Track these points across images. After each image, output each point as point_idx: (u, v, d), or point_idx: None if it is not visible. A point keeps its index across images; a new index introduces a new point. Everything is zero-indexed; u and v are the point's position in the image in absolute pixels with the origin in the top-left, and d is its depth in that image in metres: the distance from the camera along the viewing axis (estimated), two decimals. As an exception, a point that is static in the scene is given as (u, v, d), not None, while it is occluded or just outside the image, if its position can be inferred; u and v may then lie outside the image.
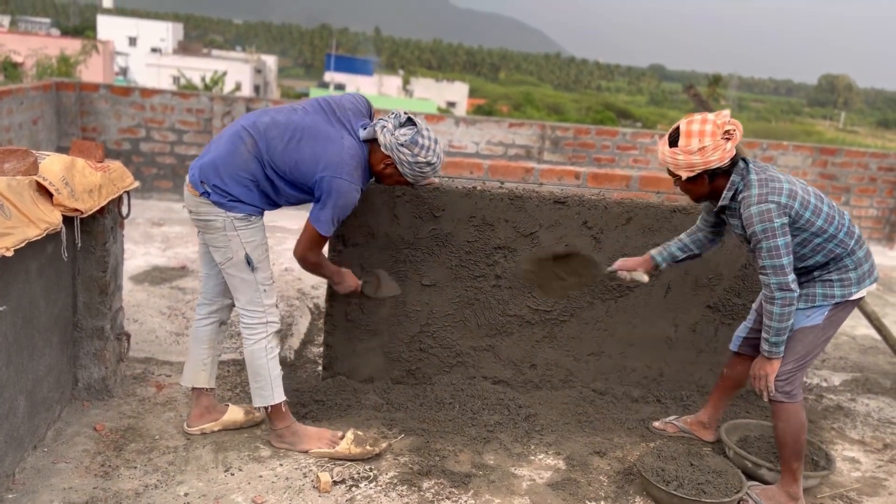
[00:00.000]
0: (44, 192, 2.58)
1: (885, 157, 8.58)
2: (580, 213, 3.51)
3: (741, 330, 3.24)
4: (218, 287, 3.09)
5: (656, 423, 3.48)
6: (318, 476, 2.83)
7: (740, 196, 2.76)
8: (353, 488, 2.83)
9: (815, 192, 2.82)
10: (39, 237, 2.42)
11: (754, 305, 3.22)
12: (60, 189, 2.62)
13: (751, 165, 2.79)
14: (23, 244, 2.31)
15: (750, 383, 2.97)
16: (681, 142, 2.71)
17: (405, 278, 3.49)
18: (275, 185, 2.82)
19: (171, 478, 2.77)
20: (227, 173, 2.78)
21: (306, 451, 3.02)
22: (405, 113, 2.86)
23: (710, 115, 2.72)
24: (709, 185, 2.79)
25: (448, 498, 2.83)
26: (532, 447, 3.25)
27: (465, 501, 2.82)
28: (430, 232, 3.42)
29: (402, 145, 2.76)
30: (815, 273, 2.85)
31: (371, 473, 2.93)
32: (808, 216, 2.72)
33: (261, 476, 2.84)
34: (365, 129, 2.85)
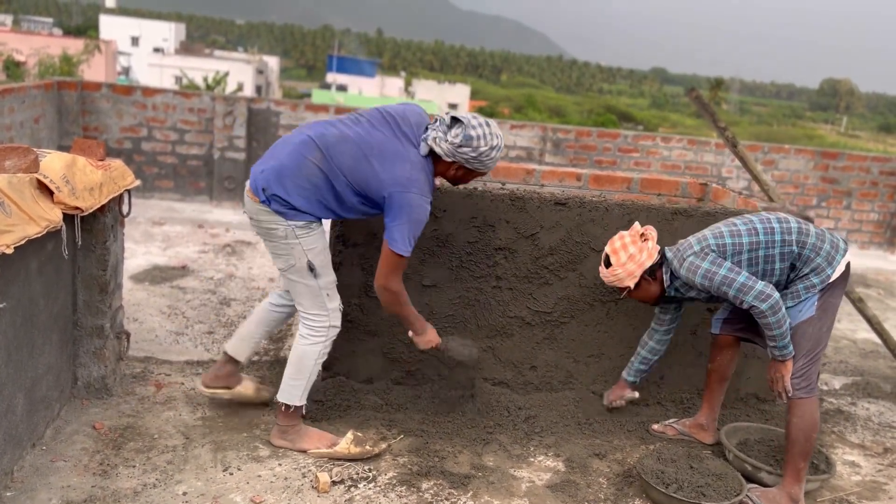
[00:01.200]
0: (44, 189, 2.58)
1: (887, 162, 8.57)
2: (581, 215, 3.51)
3: (721, 312, 3.32)
4: None
5: (655, 426, 3.48)
6: (316, 476, 2.82)
7: (677, 274, 3.04)
8: (352, 489, 2.82)
9: (725, 221, 3.07)
10: (40, 235, 2.42)
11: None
12: (61, 187, 2.62)
13: (667, 250, 3.11)
14: (23, 242, 2.30)
15: (764, 388, 3.05)
16: (612, 259, 3.07)
17: (405, 279, 3.48)
18: (341, 198, 2.81)
19: (169, 477, 2.77)
20: (292, 183, 2.76)
21: (305, 451, 3.01)
22: (447, 114, 2.88)
23: (623, 231, 3.14)
24: (652, 282, 3.10)
25: (447, 499, 2.82)
26: (531, 449, 3.24)
27: (464, 502, 2.81)
28: (431, 232, 3.42)
29: (460, 146, 2.78)
30: (791, 276, 2.97)
31: (370, 474, 2.93)
32: (731, 240, 2.94)
33: (259, 476, 2.84)
34: (420, 146, 2.84)
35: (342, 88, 52.89)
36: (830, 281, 2.92)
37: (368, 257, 3.41)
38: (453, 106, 54.90)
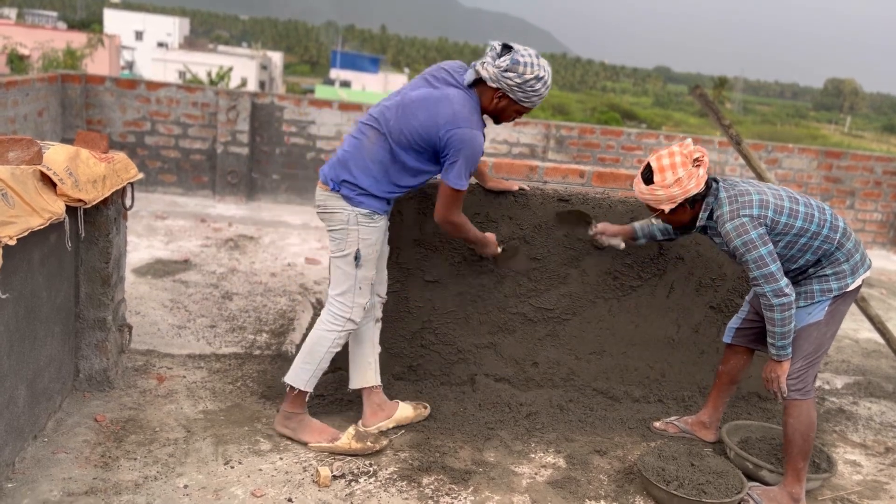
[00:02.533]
0: (47, 181, 2.58)
1: (891, 161, 8.55)
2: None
3: (734, 322, 3.28)
4: (373, 286, 3.12)
5: (657, 424, 3.47)
6: (317, 470, 2.82)
7: (715, 215, 2.85)
8: (353, 483, 2.82)
9: (790, 193, 2.88)
10: (42, 227, 2.42)
11: (747, 297, 3.26)
12: (64, 179, 2.62)
13: (720, 183, 2.89)
14: (25, 233, 2.30)
15: (763, 386, 3.00)
16: (656, 178, 2.81)
17: (408, 274, 3.48)
18: (405, 164, 2.87)
19: (170, 470, 2.77)
20: (356, 166, 2.86)
21: (306, 444, 3.02)
22: (499, 43, 2.87)
23: (675, 147, 2.83)
24: (689, 210, 2.90)
25: (448, 494, 2.82)
26: (532, 445, 3.24)
27: (465, 498, 2.82)
28: (433, 228, 3.41)
29: (505, 71, 2.76)
30: (810, 271, 2.90)
31: (371, 469, 2.93)
32: (786, 220, 2.79)
33: (260, 469, 2.84)
34: (464, 75, 2.88)
35: (346, 84, 52.84)
36: (848, 290, 2.88)
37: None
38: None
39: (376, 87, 54.15)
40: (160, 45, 60.67)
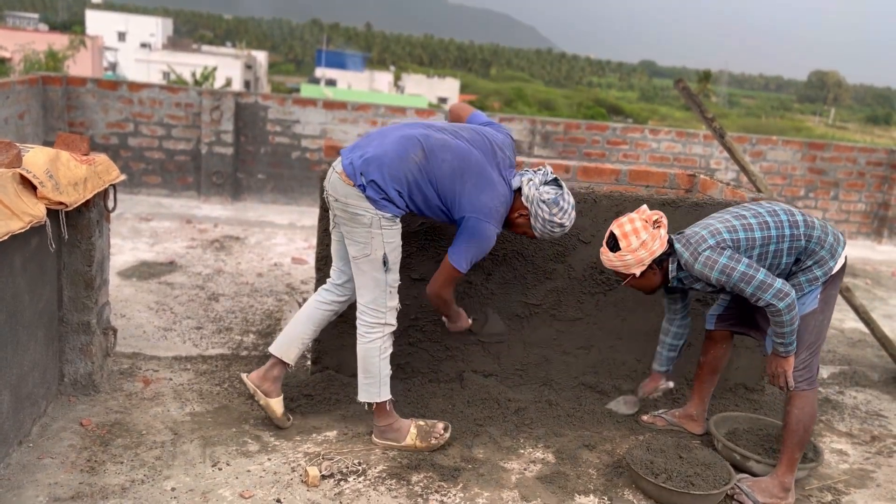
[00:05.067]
0: (27, 184, 2.55)
1: (874, 152, 8.61)
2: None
3: (715, 309, 3.30)
4: (351, 284, 3.10)
5: (645, 417, 3.49)
6: (306, 470, 2.82)
7: (681, 263, 2.92)
8: (342, 482, 2.82)
9: (735, 212, 2.96)
10: (23, 230, 2.39)
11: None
12: (44, 182, 2.59)
13: (672, 238, 2.96)
14: (6, 237, 2.28)
15: (769, 381, 3.02)
16: (622, 244, 2.87)
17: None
18: (425, 201, 2.87)
19: (157, 472, 2.75)
20: (390, 173, 2.79)
21: (405, 447, 3.07)
22: (552, 172, 2.96)
23: (633, 214, 2.92)
24: (658, 272, 2.97)
25: (437, 491, 2.82)
26: (521, 441, 3.24)
27: (455, 495, 2.81)
28: (420, 226, 3.41)
29: (543, 202, 2.87)
30: (793, 269, 2.94)
31: (360, 467, 2.92)
32: (744, 235, 2.85)
33: (249, 471, 2.83)
34: (513, 177, 2.95)
35: (331, 83, 52.68)
36: (833, 273, 2.91)
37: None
38: (443, 100, 54.83)
39: (362, 85, 54.08)
40: (143, 45, 60.24)
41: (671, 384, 3.43)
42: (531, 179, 2.90)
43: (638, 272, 2.91)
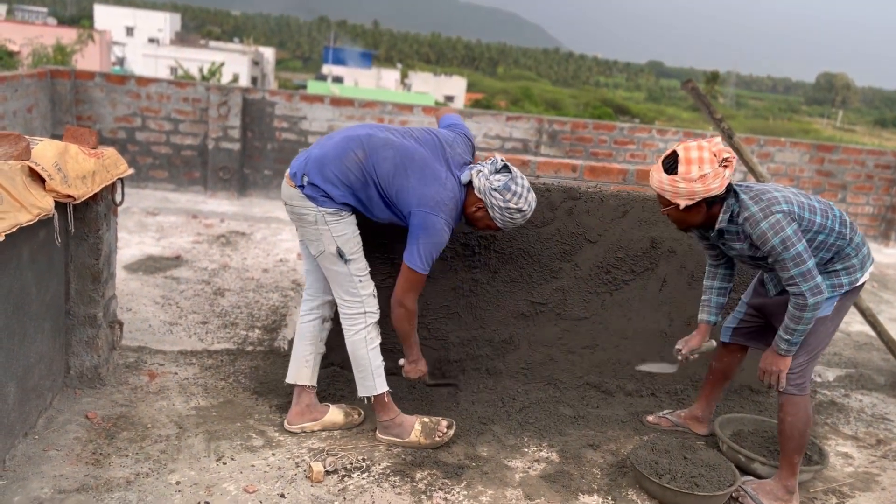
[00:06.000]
0: (36, 177, 2.55)
1: (882, 155, 8.58)
2: (576, 206, 3.50)
3: (731, 321, 3.25)
4: (319, 283, 3.12)
5: (650, 418, 3.47)
6: (310, 466, 2.82)
7: (741, 218, 2.70)
8: (346, 478, 2.82)
9: (799, 190, 2.82)
10: (31, 223, 2.40)
11: (744, 297, 3.22)
12: (53, 174, 2.59)
13: (735, 187, 2.77)
14: (14, 229, 2.29)
15: (756, 378, 2.98)
16: (680, 168, 2.62)
17: (399, 269, 3.46)
18: (371, 201, 2.86)
19: (162, 466, 2.76)
20: (331, 172, 2.81)
21: (409, 443, 3.06)
22: (502, 160, 2.91)
23: (705, 142, 2.68)
24: (706, 212, 2.74)
25: (441, 489, 2.82)
26: (525, 439, 3.24)
27: (458, 492, 2.81)
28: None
29: (495, 190, 2.81)
30: (821, 268, 2.84)
31: (364, 464, 2.92)
32: (808, 216, 2.71)
33: (253, 465, 2.83)
34: (463, 172, 2.91)
35: (338, 80, 52.72)
36: (857, 284, 2.84)
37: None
38: (449, 98, 54.81)
39: (369, 82, 54.08)
40: (151, 40, 60.37)
41: (714, 343, 3.18)
42: (480, 171, 2.86)
43: (683, 204, 2.67)
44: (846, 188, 8.51)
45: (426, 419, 3.13)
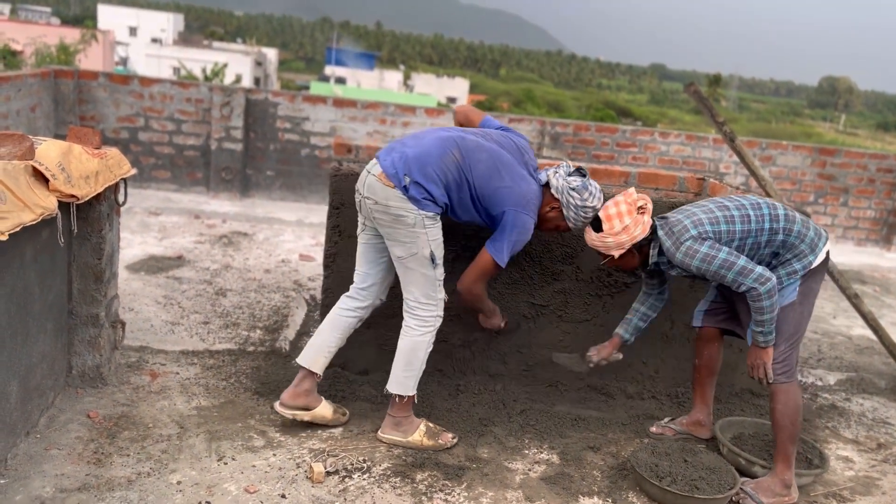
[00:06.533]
0: (40, 177, 2.56)
1: (885, 159, 8.57)
2: (578, 208, 3.50)
3: (702, 305, 3.34)
4: (376, 286, 3.14)
5: (654, 429, 3.45)
6: (311, 466, 2.82)
7: (662, 248, 2.98)
8: (347, 479, 2.82)
9: (717, 203, 3.00)
10: (34, 222, 2.41)
11: (713, 283, 3.27)
12: (56, 174, 2.60)
13: (655, 222, 3.01)
14: (17, 229, 2.29)
15: (748, 374, 3.04)
16: (604, 226, 2.93)
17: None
18: (461, 201, 2.92)
19: (163, 466, 2.77)
20: (433, 171, 2.84)
21: (411, 444, 3.07)
22: (575, 164, 3.09)
23: (620, 197, 2.97)
24: (636, 255, 3.02)
25: (441, 490, 2.82)
26: (526, 441, 3.24)
27: (459, 494, 2.82)
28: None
29: (573, 189, 2.96)
30: (773, 262, 2.99)
31: (364, 465, 2.93)
32: (726, 227, 2.89)
33: (254, 465, 2.84)
34: (540, 174, 3.05)
35: (341, 81, 52.74)
36: (812, 267, 2.95)
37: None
38: (452, 100, 54.82)
39: (372, 83, 54.11)
40: (154, 41, 60.45)
41: (620, 356, 3.37)
42: (557, 172, 3.01)
43: (617, 254, 2.97)
44: (848, 192, 8.51)
45: (431, 424, 3.14)
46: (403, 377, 3.05)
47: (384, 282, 3.16)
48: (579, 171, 3.04)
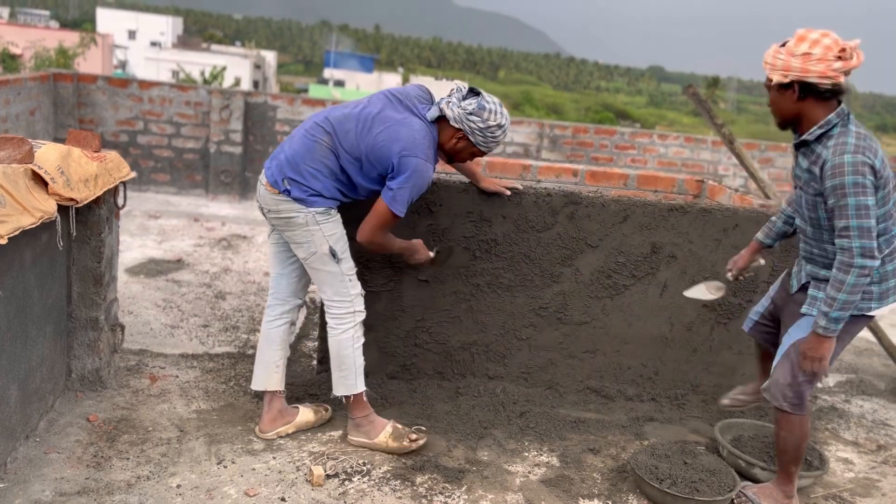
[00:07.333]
0: (39, 180, 2.56)
1: (883, 161, 8.58)
2: (577, 211, 3.50)
3: (754, 314, 3.09)
4: (290, 287, 3.12)
5: (726, 401, 3.26)
6: (311, 469, 2.82)
7: (831, 141, 2.49)
8: (346, 482, 2.82)
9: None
10: (34, 226, 2.41)
11: (771, 293, 3.04)
12: (56, 178, 2.60)
13: (852, 116, 2.54)
14: (17, 232, 2.29)
15: (798, 365, 2.69)
16: (790, 42, 2.49)
17: (401, 273, 3.48)
18: (350, 179, 2.86)
19: (163, 469, 2.76)
20: (306, 168, 2.81)
21: (377, 446, 3.04)
22: (466, 85, 2.91)
23: (833, 33, 2.46)
24: (796, 102, 2.53)
25: (441, 493, 2.82)
26: (526, 444, 3.24)
27: (459, 497, 2.82)
28: (426, 227, 3.41)
29: (470, 114, 2.81)
30: None
31: (364, 468, 2.92)
32: (883, 193, 2.51)
33: (254, 469, 2.84)
34: (429, 110, 2.89)
35: (339, 84, 52.82)
36: (867, 314, 2.65)
37: (363, 251, 3.40)
38: (451, 102, 54.76)
39: (370, 86, 54.13)
40: (153, 44, 60.48)
41: (763, 262, 3.05)
42: (449, 101, 2.85)
43: (775, 79, 2.52)
44: (847, 194, 8.51)
45: (399, 425, 3.11)
46: (341, 377, 3.03)
47: (300, 281, 3.13)
48: (473, 92, 2.87)
